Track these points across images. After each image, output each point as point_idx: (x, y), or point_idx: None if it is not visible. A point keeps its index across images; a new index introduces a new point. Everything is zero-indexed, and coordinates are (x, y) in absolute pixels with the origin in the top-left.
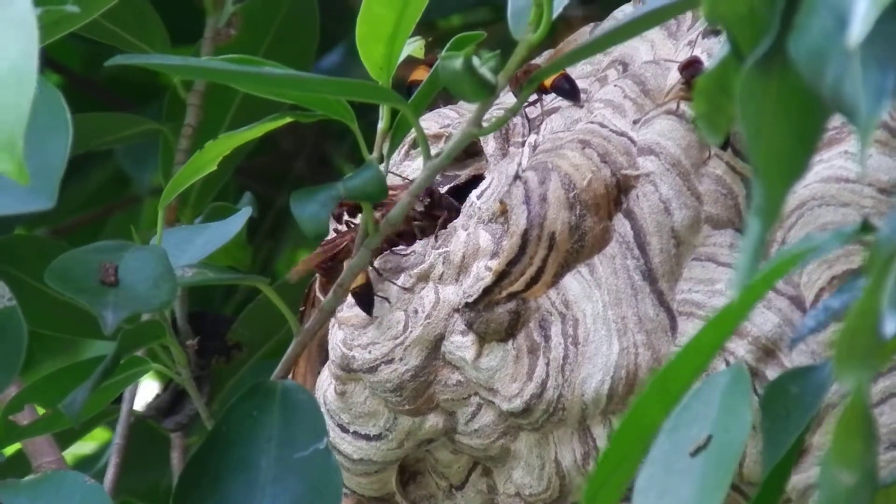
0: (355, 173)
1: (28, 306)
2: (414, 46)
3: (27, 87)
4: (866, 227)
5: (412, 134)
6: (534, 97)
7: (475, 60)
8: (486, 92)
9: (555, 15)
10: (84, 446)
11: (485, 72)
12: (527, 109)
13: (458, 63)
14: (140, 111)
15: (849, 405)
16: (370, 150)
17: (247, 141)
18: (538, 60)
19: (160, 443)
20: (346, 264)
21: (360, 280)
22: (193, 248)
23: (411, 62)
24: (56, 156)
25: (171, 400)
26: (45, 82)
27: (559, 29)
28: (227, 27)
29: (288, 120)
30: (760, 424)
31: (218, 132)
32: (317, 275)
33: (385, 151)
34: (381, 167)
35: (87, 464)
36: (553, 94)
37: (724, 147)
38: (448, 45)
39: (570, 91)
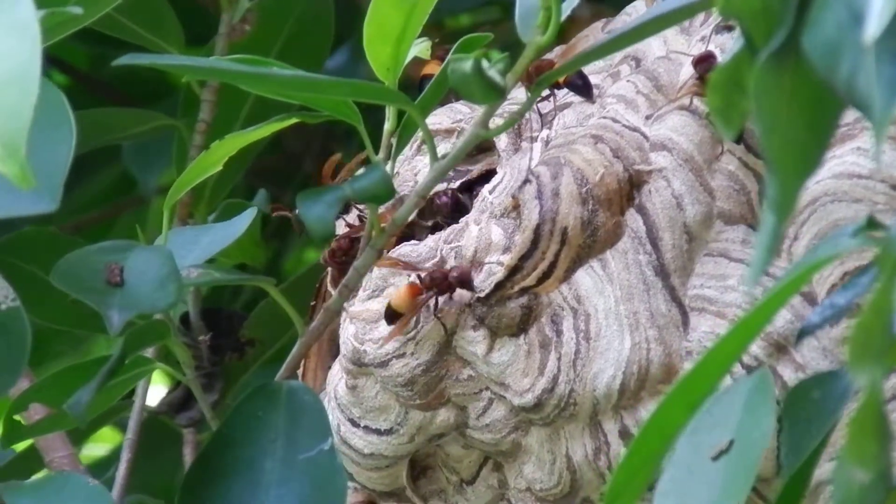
0: (362, 174)
1: (40, 301)
2: (421, 48)
3: (30, 91)
4: (872, 223)
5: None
6: (546, 92)
7: (484, 63)
8: (495, 94)
9: (563, 17)
10: (97, 448)
11: (494, 74)
12: (539, 105)
13: (467, 66)
14: (154, 108)
15: (862, 403)
16: (377, 151)
17: (256, 140)
18: (551, 55)
19: (173, 438)
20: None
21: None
22: (199, 248)
23: (417, 62)
24: (59, 158)
25: (184, 396)
26: (49, 84)
27: (566, 27)
28: (243, 23)
29: (294, 120)
30: (783, 428)
31: (232, 129)
32: (328, 269)
33: (392, 152)
34: (388, 167)
35: (101, 465)
36: (566, 90)
37: (737, 142)
38: (455, 46)
39: (582, 87)
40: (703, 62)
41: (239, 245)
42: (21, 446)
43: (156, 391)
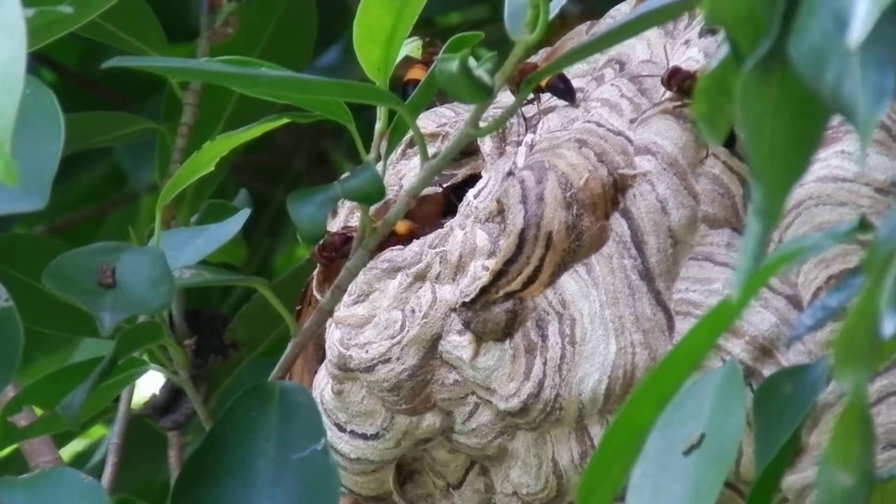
0: (352, 174)
1: (25, 305)
2: (411, 47)
3: (14, 90)
4: (864, 225)
5: (410, 133)
6: (530, 96)
7: (472, 62)
8: (483, 94)
9: (551, 16)
10: (80, 443)
11: (481, 73)
12: (523, 108)
13: (454, 65)
14: (137, 109)
15: (847, 405)
16: (367, 150)
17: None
18: (535, 58)
19: (157, 441)
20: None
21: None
22: (191, 249)
23: (407, 61)
24: (48, 157)
25: (168, 398)
26: (39, 83)
27: (556, 26)
28: (225, 26)
29: (285, 121)
30: (755, 423)
31: (214, 131)
32: (314, 273)
33: (383, 151)
34: (379, 167)
35: (83, 460)
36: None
37: (729, 145)
38: (445, 46)
39: (565, 91)
40: (674, 77)
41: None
42: (5, 451)
43: (143, 391)
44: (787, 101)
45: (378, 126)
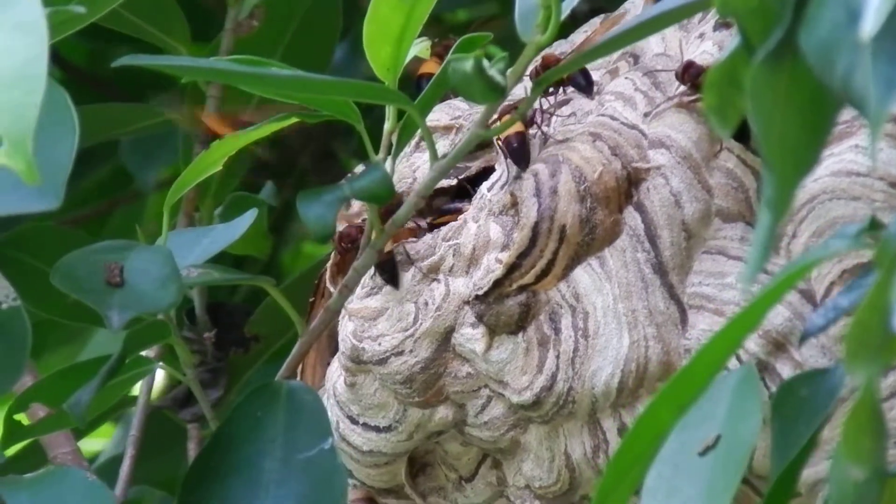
0: (361, 174)
1: (39, 294)
2: (420, 47)
3: (37, 87)
4: (875, 224)
5: None
6: (549, 89)
7: (485, 63)
8: (496, 94)
9: (563, 16)
10: (95, 443)
11: (494, 74)
12: (542, 100)
13: (468, 65)
14: (150, 102)
15: (859, 400)
16: (376, 149)
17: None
18: (558, 51)
19: (177, 433)
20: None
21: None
22: (199, 248)
23: (416, 60)
24: (62, 156)
25: (188, 391)
26: (52, 82)
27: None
28: (250, 19)
29: (293, 121)
30: (771, 426)
31: None
32: (327, 265)
33: (392, 151)
34: (388, 167)
35: (101, 458)
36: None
37: (742, 139)
38: (455, 46)
39: (586, 86)
40: (688, 72)
41: (245, 237)
42: (23, 443)
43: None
44: (797, 93)
45: (387, 125)
